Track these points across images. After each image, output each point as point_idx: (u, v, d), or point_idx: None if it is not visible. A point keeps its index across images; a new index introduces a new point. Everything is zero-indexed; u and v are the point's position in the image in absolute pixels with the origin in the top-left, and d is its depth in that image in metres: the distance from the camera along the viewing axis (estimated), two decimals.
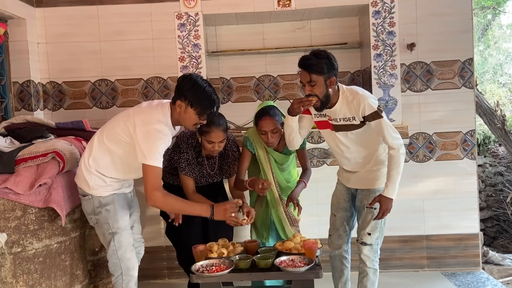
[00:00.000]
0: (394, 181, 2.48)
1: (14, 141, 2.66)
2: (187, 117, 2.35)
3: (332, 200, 2.85)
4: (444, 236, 3.76)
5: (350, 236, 2.84)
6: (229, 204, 2.41)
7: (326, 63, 2.41)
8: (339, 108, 2.52)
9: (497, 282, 3.60)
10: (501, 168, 6.26)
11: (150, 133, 2.27)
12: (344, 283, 2.86)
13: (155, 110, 2.37)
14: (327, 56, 2.44)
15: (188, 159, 2.79)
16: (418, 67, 3.69)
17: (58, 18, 3.63)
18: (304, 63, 2.45)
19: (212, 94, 2.35)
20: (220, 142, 2.69)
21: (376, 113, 2.44)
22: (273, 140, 2.78)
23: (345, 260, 2.83)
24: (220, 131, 2.65)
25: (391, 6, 3.58)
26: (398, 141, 2.47)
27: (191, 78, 2.37)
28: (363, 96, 2.47)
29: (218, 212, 2.37)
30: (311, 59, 2.43)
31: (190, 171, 2.79)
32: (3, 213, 2.30)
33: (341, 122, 2.55)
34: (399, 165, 2.47)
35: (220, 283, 2.31)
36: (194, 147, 2.82)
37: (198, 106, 2.32)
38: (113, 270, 2.47)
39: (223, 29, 3.97)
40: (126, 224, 2.49)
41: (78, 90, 3.71)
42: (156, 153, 2.26)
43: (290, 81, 3.99)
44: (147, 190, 2.26)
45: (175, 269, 3.78)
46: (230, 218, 2.39)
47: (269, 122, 2.74)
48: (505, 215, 5.70)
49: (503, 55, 8.90)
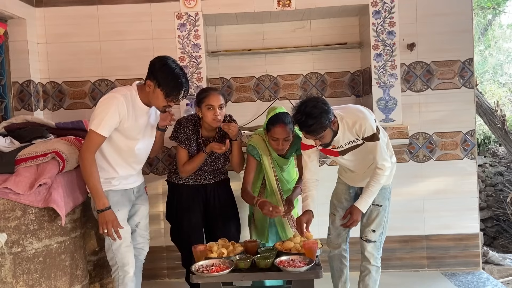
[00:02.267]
0: (369, 196, 2.56)
1: (14, 141, 2.66)
2: (155, 97, 2.42)
3: (332, 200, 2.86)
4: (444, 236, 3.75)
5: (349, 235, 2.85)
6: (116, 219, 2.44)
7: (324, 117, 2.34)
8: (341, 136, 2.53)
9: (497, 282, 3.60)
10: (501, 168, 6.26)
11: (104, 99, 2.40)
12: (344, 283, 2.87)
13: (116, 88, 2.54)
14: (321, 109, 2.35)
15: (188, 133, 2.82)
16: (418, 67, 3.68)
17: (58, 18, 3.63)
18: (307, 130, 2.38)
19: (180, 77, 2.38)
20: (219, 106, 2.71)
21: (375, 136, 2.48)
22: (283, 147, 2.77)
23: (344, 259, 2.85)
24: (217, 94, 2.72)
25: (391, 6, 3.58)
26: (387, 163, 2.52)
27: (162, 59, 2.42)
28: (364, 119, 2.47)
29: (105, 216, 2.41)
30: (311, 124, 2.33)
31: (188, 145, 2.81)
32: (3, 213, 2.30)
33: (346, 146, 2.58)
34: (379, 184, 2.54)
35: (220, 283, 2.31)
36: (194, 123, 2.85)
37: (165, 87, 2.37)
38: (111, 264, 2.56)
39: (223, 29, 3.97)
40: (121, 219, 2.51)
41: (78, 90, 3.71)
42: (102, 120, 2.35)
43: (290, 81, 3.99)
44: (82, 149, 2.40)
45: (175, 269, 3.78)
46: (104, 229, 2.40)
47: (283, 130, 2.70)
48: (505, 215, 5.70)
49: (503, 55, 8.90)
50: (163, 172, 3.76)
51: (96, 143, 2.38)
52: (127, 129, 2.44)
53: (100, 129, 2.35)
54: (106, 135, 2.38)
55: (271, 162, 2.87)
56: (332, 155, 2.68)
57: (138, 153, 2.57)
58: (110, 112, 2.35)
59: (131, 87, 2.50)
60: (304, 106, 2.35)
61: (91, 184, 2.41)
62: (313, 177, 2.66)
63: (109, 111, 2.35)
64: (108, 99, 2.39)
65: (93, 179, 2.40)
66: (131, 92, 2.46)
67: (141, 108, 2.48)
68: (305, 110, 2.34)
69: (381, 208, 2.64)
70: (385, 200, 2.66)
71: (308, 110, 2.33)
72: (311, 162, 2.67)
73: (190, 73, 3.63)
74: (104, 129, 2.35)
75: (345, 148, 2.58)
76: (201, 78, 3.65)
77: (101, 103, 2.40)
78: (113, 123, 2.37)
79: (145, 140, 2.59)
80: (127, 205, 2.61)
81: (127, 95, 2.43)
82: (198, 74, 3.65)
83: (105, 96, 2.44)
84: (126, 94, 2.43)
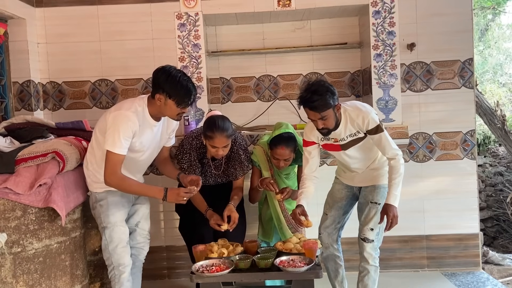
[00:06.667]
0: (395, 189, 2.55)
1: (14, 141, 2.66)
2: (168, 108, 2.41)
3: (327, 199, 2.88)
4: (444, 236, 3.75)
5: (340, 235, 2.89)
6: (182, 188, 2.45)
7: (329, 96, 2.43)
8: (343, 128, 2.57)
9: (497, 282, 3.60)
10: (501, 168, 6.26)
11: (116, 117, 2.37)
12: (340, 282, 2.89)
13: (127, 101, 2.50)
14: (327, 88, 2.45)
15: (190, 160, 2.79)
16: (418, 67, 3.68)
17: (58, 18, 3.63)
18: (310, 105, 2.45)
19: (187, 83, 2.39)
20: (224, 147, 2.65)
21: (379, 127, 2.52)
22: (283, 166, 2.81)
23: (338, 258, 2.87)
24: (223, 137, 2.61)
25: (391, 6, 3.58)
26: (397, 151, 2.56)
27: (165, 70, 2.41)
28: (366, 112, 2.54)
29: (171, 195, 2.42)
30: (315, 100, 2.42)
31: (191, 171, 2.78)
32: (3, 213, 2.30)
33: (348, 139, 2.60)
34: (400, 174, 2.55)
35: (220, 283, 2.32)
36: (198, 148, 2.80)
37: (176, 97, 2.37)
38: (108, 264, 2.58)
39: (223, 29, 3.97)
40: (118, 220, 2.53)
41: (78, 90, 3.71)
42: (117, 139, 2.34)
43: (290, 81, 3.99)
44: (105, 174, 2.40)
45: (175, 269, 3.78)
46: (182, 200, 2.42)
47: (284, 152, 2.74)
48: (505, 215, 5.70)
49: (503, 55, 8.89)
50: None
51: (118, 163, 2.37)
52: (133, 143, 2.44)
53: (118, 149, 2.34)
54: (124, 153, 2.38)
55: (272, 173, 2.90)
56: (334, 150, 2.68)
57: (140, 164, 2.60)
58: (123, 132, 2.34)
59: (142, 101, 2.46)
60: (311, 85, 2.49)
61: (138, 192, 2.49)
62: (312, 174, 2.68)
63: (122, 131, 2.34)
64: (121, 117, 2.36)
65: (136, 189, 2.46)
66: (142, 107, 2.44)
67: (150, 123, 2.49)
68: (311, 88, 2.46)
69: (379, 206, 2.64)
70: (383, 198, 2.66)
71: (314, 88, 2.45)
72: (312, 158, 2.69)
73: (190, 73, 3.63)
74: (121, 148, 2.35)
75: (347, 141, 2.59)
76: (201, 78, 3.65)
77: (114, 122, 2.35)
78: (127, 141, 2.38)
79: (150, 151, 2.59)
80: (126, 206, 2.61)
81: (138, 111, 2.41)
82: (198, 74, 3.65)
83: (116, 113, 2.38)
84: (137, 110, 2.42)
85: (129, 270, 2.56)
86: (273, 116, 3.92)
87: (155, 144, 2.60)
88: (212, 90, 3.98)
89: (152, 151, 2.61)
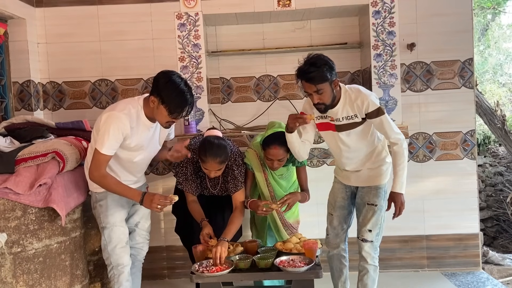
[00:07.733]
0: (400, 176, 2.53)
1: (14, 141, 2.66)
2: (159, 113, 2.37)
3: (329, 199, 2.86)
4: (444, 236, 3.75)
5: (348, 235, 2.85)
6: (158, 195, 2.40)
7: (327, 69, 2.39)
8: (341, 107, 2.53)
9: (497, 282, 3.60)
10: (501, 168, 6.26)
11: (108, 118, 2.34)
12: (343, 282, 2.87)
13: (122, 102, 2.47)
14: (325, 62, 2.41)
15: (186, 173, 2.76)
16: (418, 67, 3.68)
17: (58, 18, 3.63)
18: (306, 76, 2.40)
19: (185, 94, 2.32)
20: (216, 170, 2.61)
21: (380, 110, 2.47)
22: (277, 167, 2.75)
23: (344, 259, 2.85)
24: (215, 163, 2.56)
25: (391, 6, 3.58)
26: (400, 136, 2.52)
27: (167, 75, 2.36)
28: (365, 94, 2.50)
29: (147, 200, 2.39)
30: (312, 71, 2.38)
31: (186, 185, 2.77)
32: (3, 213, 2.30)
33: (343, 121, 2.55)
34: (404, 160, 2.52)
35: (220, 283, 2.32)
36: (195, 162, 2.77)
37: (168, 104, 2.32)
38: (107, 264, 2.58)
39: (223, 29, 3.97)
40: (118, 221, 2.53)
41: (78, 90, 3.71)
42: (106, 140, 2.32)
43: (290, 81, 3.99)
44: (90, 169, 2.42)
45: (175, 269, 3.78)
46: (156, 209, 2.38)
47: (277, 152, 2.67)
48: (505, 215, 5.70)
49: (503, 55, 8.89)
50: (163, 172, 3.76)
51: (103, 162, 2.37)
52: (128, 144, 2.43)
53: (105, 149, 2.33)
54: (111, 154, 2.38)
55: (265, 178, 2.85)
56: (329, 130, 2.62)
57: (138, 164, 2.58)
58: (113, 133, 2.32)
59: (137, 102, 2.44)
60: (310, 58, 2.44)
61: (117, 192, 2.44)
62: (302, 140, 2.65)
63: (112, 132, 2.32)
64: (112, 119, 2.33)
65: (115, 188, 2.42)
66: (137, 109, 2.41)
67: (145, 124, 2.46)
68: (310, 60, 2.42)
69: (376, 207, 2.62)
70: (380, 199, 2.64)
71: (312, 61, 2.41)
72: (306, 133, 2.66)
73: (190, 73, 3.63)
74: (108, 149, 2.34)
75: (342, 123, 2.55)
76: (201, 78, 3.65)
77: (105, 123, 2.33)
78: (116, 143, 2.36)
79: (146, 152, 2.57)
80: (126, 206, 2.61)
81: (131, 112, 2.38)
82: (198, 74, 3.65)
83: (109, 114, 2.35)
84: (131, 112, 2.38)
85: (128, 270, 2.56)
86: (273, 116, 3.91)
87: (153, 144, 2.59)
88: (212, 90, 3.98)
89: (150, 150, 2.60)
